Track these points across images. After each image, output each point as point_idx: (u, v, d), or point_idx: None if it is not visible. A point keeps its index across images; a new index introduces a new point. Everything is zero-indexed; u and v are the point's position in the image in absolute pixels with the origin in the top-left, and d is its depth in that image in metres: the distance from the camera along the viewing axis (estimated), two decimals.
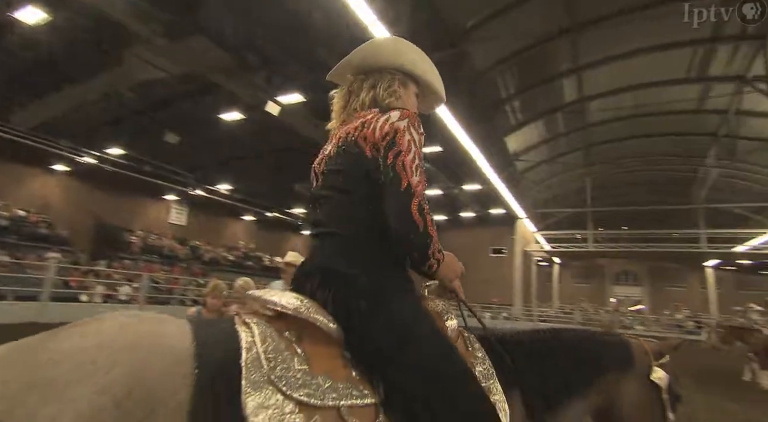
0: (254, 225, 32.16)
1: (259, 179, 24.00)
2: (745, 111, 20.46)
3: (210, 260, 23.54)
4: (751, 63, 17.20)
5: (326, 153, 1.41)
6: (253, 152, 20.86)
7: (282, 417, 0.90)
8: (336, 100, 1.50)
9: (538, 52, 17.30)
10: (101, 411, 0.78)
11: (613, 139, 24.53)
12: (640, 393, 1.54)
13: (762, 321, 10.92)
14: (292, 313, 1.08)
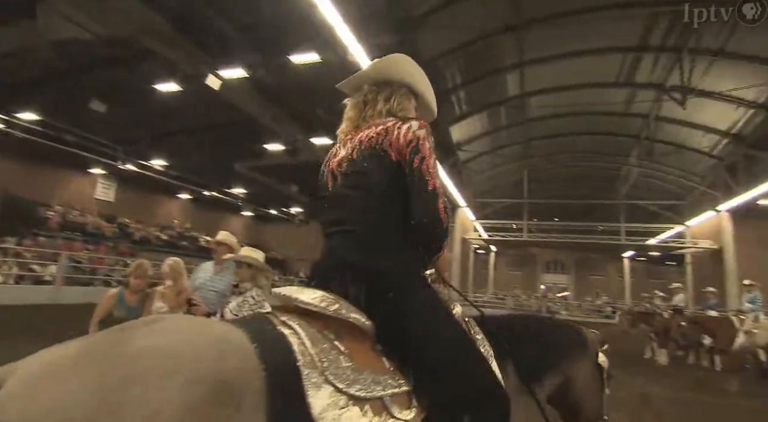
0: (190, 204, 30.69)
1: (196, 156, 22.82)
2: (663, 117, 22.47)
3: (140, 240, 22.19)
4: (669, 73, 18.86)
5: (344, 155, 1.46)
6: (190, 126, 19.76)
7: (341, 412, 0.98)
8: (350, 107, 1.61)
9: (485, 46, 17.77)
10: (201, 400, 0.83)
11: (549, 135, 25.97)
12: (591, 373, 1.94)
13: (663, 305, 12.20)
14: (333, 315, 1.15)
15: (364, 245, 1.28)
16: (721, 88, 19.05)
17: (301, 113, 18.73)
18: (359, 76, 1.63)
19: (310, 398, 0.97)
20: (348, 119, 1.59)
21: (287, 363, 1.00)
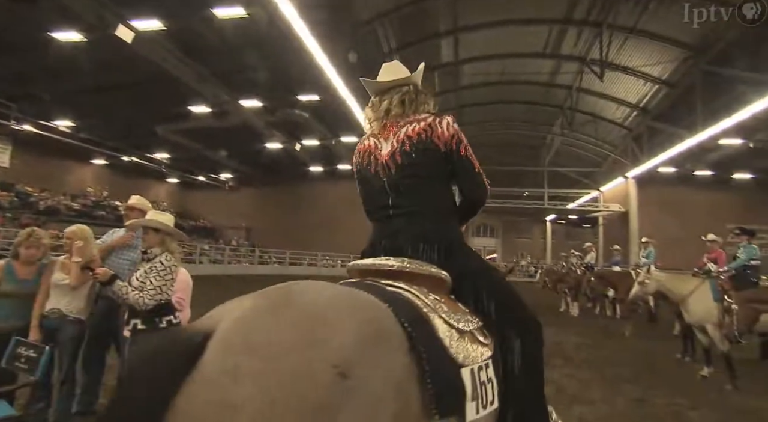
0: (106, 170, 28.09)
1: (111, 117, 20.68)
2: (584, 89, 23.90)
3: (46, 209, 20.02)
4: (590, 47, 19.96)
5: (395, 148, 1.64)
6: (102, 84, 17.72)
7: (458, 342, 1.29)
8: (381, 105, 1.77)
9: (420, 10, 17.54)
10: (369, 338, 1.06)
11: (480, 102, 26.64)
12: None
13: (578, 263, 13.40)
14: (427, 273, 1.46)
15: (429, 221, 1.57)
16: (633, 64, 20.56)
17: (228, 72, 17.51)
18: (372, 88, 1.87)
19: (439, 333, 1.26)
20: (379, 113, 1.76)
21: (414, 310, 1.27)
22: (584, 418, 3.91)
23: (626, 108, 24.87)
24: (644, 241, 9.96)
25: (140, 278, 2.63)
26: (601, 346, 7.56)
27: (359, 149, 1.76)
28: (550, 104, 26.98)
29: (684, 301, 5.73)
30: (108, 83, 17.58)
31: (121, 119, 20.93)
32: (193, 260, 20.68)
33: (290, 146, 24.78)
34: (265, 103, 19.47)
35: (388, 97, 1.77)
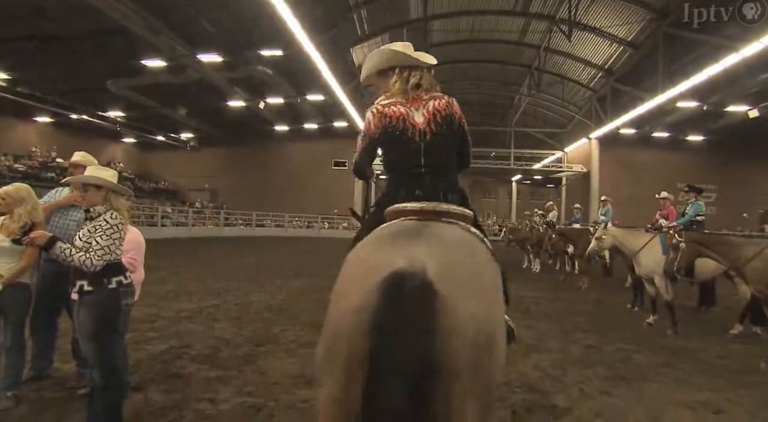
0: (54, 129, 26.22)
1: (55, 71, 19.04)
2: (552, 49, 23.84)
3: None
4: (559, 6, 19.72)
5: (429, 118, 1.97)
6: (40, 32, 16.15)
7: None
8: (396, 81, 2.02)
9: None
10: (497, 267, 1.68)
11: (449, 61, 26.15)
12: None
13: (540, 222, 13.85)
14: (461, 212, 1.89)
15: (450, 177, 2.01)
16: (600, 24, 20.56)
17: (184, 24, 16.31)
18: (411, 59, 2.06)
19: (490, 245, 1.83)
20: (398, 89, 2.02)
21: (483, 238, 1.82)
22: (540, 365, 4.14)
23: (592, 69, 25.14)
24: (603, 200, 10.35)
25: (84, 239, 2.45)
26: (559, 299, 7.96)
27: (388, 113, 1.98)
28: (519, 64, 26.85)
29: (636, 255, 6.05)
30: (48, 31, 16.07)
31: (66, 73, 19.34)
32: (155, 223, 20.02)
33: (254, 105, 23.78)
34: (225, 58, 18.39)
35: (417, 74, 2.03)
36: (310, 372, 3.75)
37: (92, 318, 2.46)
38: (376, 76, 2.12)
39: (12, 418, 2.81)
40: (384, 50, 2.10)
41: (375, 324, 1.26)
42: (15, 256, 2.98)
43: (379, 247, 1.56)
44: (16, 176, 18.77)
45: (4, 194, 3.00)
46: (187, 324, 5.27)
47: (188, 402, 3.11)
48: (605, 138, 28.18)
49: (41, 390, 3.23)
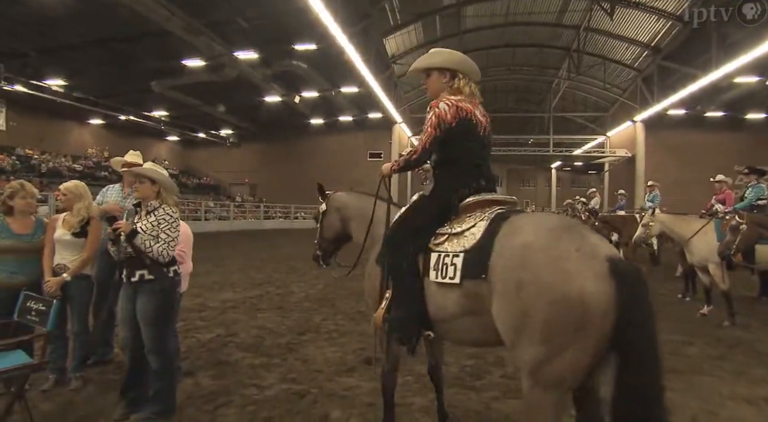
0: (105, 130, 27.74)
1: (105, 74, 20.08)
2: (593, 29, 22.72)
3: (49, 172, 20.00)
4: None
5: (486, 119, 2.32)
6: (88, 39, 17.05)
7: None
8: (465, 85, 2.28)
9: None
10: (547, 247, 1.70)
11: (484, 47, 25.51)
12: None
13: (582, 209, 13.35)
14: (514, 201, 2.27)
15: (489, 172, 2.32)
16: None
17: (220, 23, 16.73)
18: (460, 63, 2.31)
19: None
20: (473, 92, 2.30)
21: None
22: None
23: (636, 48, 23.73)
24: (649, 185, 9.84)
25: (149, 231, 2.62)
26: None
27: (462, 107, 2.19)
28: (557, 46, 25.80)
29: (687, 242, 5.72)
30: (95, 38, 16.93)
31: (114, 76, 20.33)
32: (198, 218, 20.88)
33: (289, 99, 24.17)
34: (261, 55, 18.76)
35: (472, 82, 2.31)
36: (351, 361, 3.84)
37: (154, 306, 2.63)
38: (437, 71, 2.29)
39: (81, 397, 3.04)
40: (454, 54, 2.33)
41: (621, 306, 1.54)
42: (77, 249, 3.19)
43: (560, 234, 1.73)
44: (73, 175, 20.04)
45: (66, 190, 3.22)
46: (232, 313, 5.49)
47: (236, 387, 3.25)
48: (651, 120, 26.64)
49: (104, 373, 3.48)
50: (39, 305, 2.69)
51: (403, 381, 3.42)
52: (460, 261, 1.92)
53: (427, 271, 2.04)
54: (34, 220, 3.23)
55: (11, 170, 18.45)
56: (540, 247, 1.68)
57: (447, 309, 1.96)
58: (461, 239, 1.98)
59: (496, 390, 3.27)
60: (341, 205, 2.88)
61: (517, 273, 1.68)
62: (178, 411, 2.81)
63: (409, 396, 3.16)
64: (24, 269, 3.09)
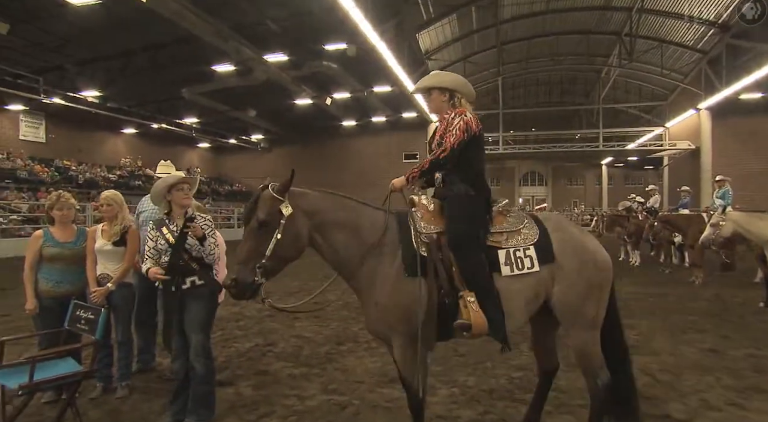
0: (138, 139, 29.20)
1: (136, 84, 21.19)
2: (647, 9, 21.80)
3: (86, 182, 21.27)
4: None
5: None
6: (121, 49, 18.07)
7: None
8: (469, 105, 2.66)
9: None
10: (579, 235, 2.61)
11: (524, 37, 25.08)
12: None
13: (639, 208, 12.84)
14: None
15: None
16: None
17: (249, 25, 17.31)
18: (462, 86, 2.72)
19: None
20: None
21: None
22: (646, 368, 3.86)
23: (700, 27, 22.34)
24: (719, 179, 9.28)
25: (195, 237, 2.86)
26: (665, 295, 7.34)
27: (478, 120, 2.56)
28: (606, 32, 24.96)
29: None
30: (126, 47, 17.89)
31: (145, 85, 21.40)
32: (231, 225, 21.60)
33: (321, 101, 24.63)
34: (290, 57, 19.25)
35: (466, 102, 2.66)
36: (392, 372, 3.87)
37: (205, 311, 2.83)
38: (437, 90, 2.64)
39: (127, 405, 3.24)
40: (453, 76, 2.78)
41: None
42: (118, 258, 3.42)
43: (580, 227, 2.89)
44: (109, 185, 21.22)
45: (110, 200, 3.45)
46: (270, 322, 5.66)
47: (277, 397, 3.36)
48: (719, 107, 25.11)
49: (148, 381, 3.68)
50: (88, 313, 2.90)
51: (449, 392, 3.43)
52: (533, 252, 2.42)
53: (496, 267, 2.37)
54: (76, 228, 3.49)
55: (51, 181, 19.73)
56: (582, 236, 2.61)
57: (517, 301, 2.38)
58: (521, 235, 2.47)
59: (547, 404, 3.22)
60: (317, 209, 2.35)
61: (577, 254, 2.47)
62: (221, 420, 2.95)
63: (456, 409, 3.16)
64: (69, 278, 3.34)
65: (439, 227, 2.41)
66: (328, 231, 2.33)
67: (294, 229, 2.23)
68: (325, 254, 2.37)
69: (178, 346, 2.90)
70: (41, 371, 2.57)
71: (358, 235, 2.35)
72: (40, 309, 3.23)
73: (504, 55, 26.86)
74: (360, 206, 2.49)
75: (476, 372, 3.85)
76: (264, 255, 2.14)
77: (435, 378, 3.71)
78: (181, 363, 2.88)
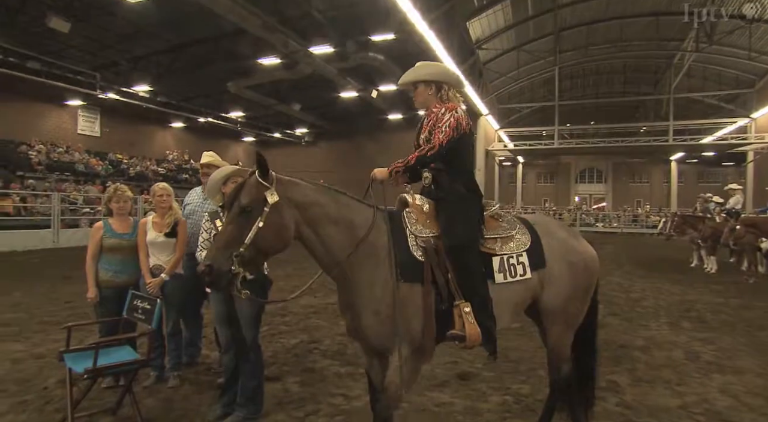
0: (185, 133, 30.60)
1: (184, 78, 22.21)
2: None
3: (137, 175, 22.56)
4: None
5: None
6: (172, 44, 18.99)
7: None
8: (452, 93, 2.66)
9: None
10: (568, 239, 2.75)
11: (584, 22, 24.06)
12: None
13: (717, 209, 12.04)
14: None
15: None
16: None
17: (295, 18, 17.70)
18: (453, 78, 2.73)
19: None
20: (455, 97, 2.69)
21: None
22: (729, 389, 3.62)
23: None
24: None
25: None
26: (748, 307, 6.87)
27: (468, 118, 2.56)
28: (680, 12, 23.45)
29: None
30: (175, 43, 18.76)
31: (193, 79, 22.36)
32: None
33: (366, 94, 24.81)
34: (336, 49, 19.51)
35: (454, 90, 2.69)
36: (442, 375, 3.87)
37: (255, 304, 2.93)
38: (423, 83, 2.60)
39: (179, 395, 3.43)
40: (438, 66, 2.77)
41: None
42: (169, 249, 3.62)
43: (568, 228, 2.99)
44: (158, 178, 22.41)
45: (165, 191, 3.67)
46: (315, 319, 5.80)
47: (323, 396, 3.44)
48: None
49: (197, 373, 3.88)
50: (145, 304, 3.09)
51: (502, 400, 3.39)
52: (526, 259, 2.48)
53: (490, 275, 2.39)
54: (132, 220, 3.73)
55: (105, 174, 21.08)
56: (571, 239, 2.74)
57: (506, 307, 2.43)
58: (514, 241, 2.51)
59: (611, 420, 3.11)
60: (309, 201, 2.24)
61: (566, 257, 2.61)
62: (269, 415, 3.06)
63: (510, 418, 3.11)
64: (127, 269, 3.58)
65: (435, 230, 2.33)
66: (320, 225, 2.23)
67: (278, 219, 2.12)
68: (315, 249, 2.27)
69: (226, 340, 3.03)
70: (103, 357, 2.77)
71: (352, 232, 2.26)
72: (100, 298, 3.49)
73: (561, 43, 25.95)
74: (353, 201, 2.40)
75: (530, 380, 3.78)
76: (242, 243, 2.04)
77: (486, 384, 3.70)
78: (230, 357, 3.01)
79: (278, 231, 2.12)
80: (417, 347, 2.22)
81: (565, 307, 2.57)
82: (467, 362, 4.16)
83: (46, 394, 3.41)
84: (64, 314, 5.76)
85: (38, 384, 3.60)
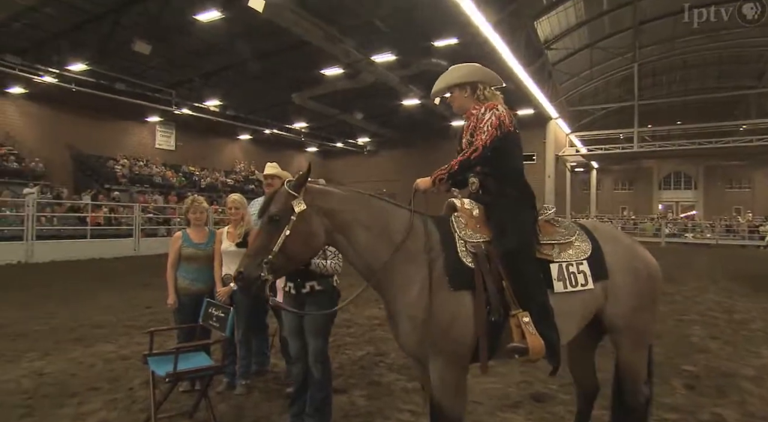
0: (251, 145, 32.19)
1: (250, 91, 23.48)
2: None
3: (207, 187, 24.07)
4: None
5: None
6: (240, 59, 20.17)
7: None
8: (489, 92, 2.57)
9: None
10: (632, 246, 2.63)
11: (667, 12, 22.55)
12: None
13: None
14: None
15: None
16: None
17: (356, 27, 18.17)
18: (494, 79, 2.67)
19: None
20: (494, 95, 2.60)
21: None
22: None
23: None
24: None
25: None
26: None
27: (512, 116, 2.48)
28: None
29: None
30: (242, 57, 19.89)
31: (259, 92, 23.56)
32: None
33: (429, 101, 24.88)
34: (398, 56, 19.78)
35: (492, 88, 2.61)
36: (515, 395, 3.78)
37: (325, 315, 3.02)
38: (458, 87, 2.55)
39: (250, 402, 3.61)
40: (470, 66, 2.62)
41: None
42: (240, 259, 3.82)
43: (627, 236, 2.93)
44: (226, 189, 23.78)
45: (238, 204, 3.90)
46: (380, 331, 5.85)
47: (390, 410, 3.46)
48: None
49: (267, 381, 4.05)
50: (219, 312, 3.28)
51: (598, 414, 3.21)
52: (587, 268, 2.37)
53: (548, 283, 2.29)
54: (208, 231, 4.00)
55: (178, 186, 22.71)
56: (634, 246, 2.63)
57: (571, 320, 2.33)
58: (573, 248, 2.41)
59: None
60: (338, 208, 2.28)
61: (631, 265, 2.49)
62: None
63: None
64: (202, 278, 3.83)
65: (486, 235, 2.27)
66: (351, 231, 2.26)
67: (305, 227, 2.18)
68: (350, 256, 2.33)
69: (296, 350, 3.14)
70: (181, 362, 2.98)
71: (387, 237, 2.24)
72: (179, 305, 3.76)
73: (641, 37, 24.59)
74: (390, 206, 2.38)
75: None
76: (271, 251, 2.14)
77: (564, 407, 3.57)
78: (300, 368, 3.12)
79: (305, 239, 2.20)
80: (459, 357, 2.15)
81: (632, 320, 2.43)
82: (541, 382, 4.02)
83: (132, 394, 3.72)
84: (144, 319, 6.30)
85: (125, 384, 3.94)
